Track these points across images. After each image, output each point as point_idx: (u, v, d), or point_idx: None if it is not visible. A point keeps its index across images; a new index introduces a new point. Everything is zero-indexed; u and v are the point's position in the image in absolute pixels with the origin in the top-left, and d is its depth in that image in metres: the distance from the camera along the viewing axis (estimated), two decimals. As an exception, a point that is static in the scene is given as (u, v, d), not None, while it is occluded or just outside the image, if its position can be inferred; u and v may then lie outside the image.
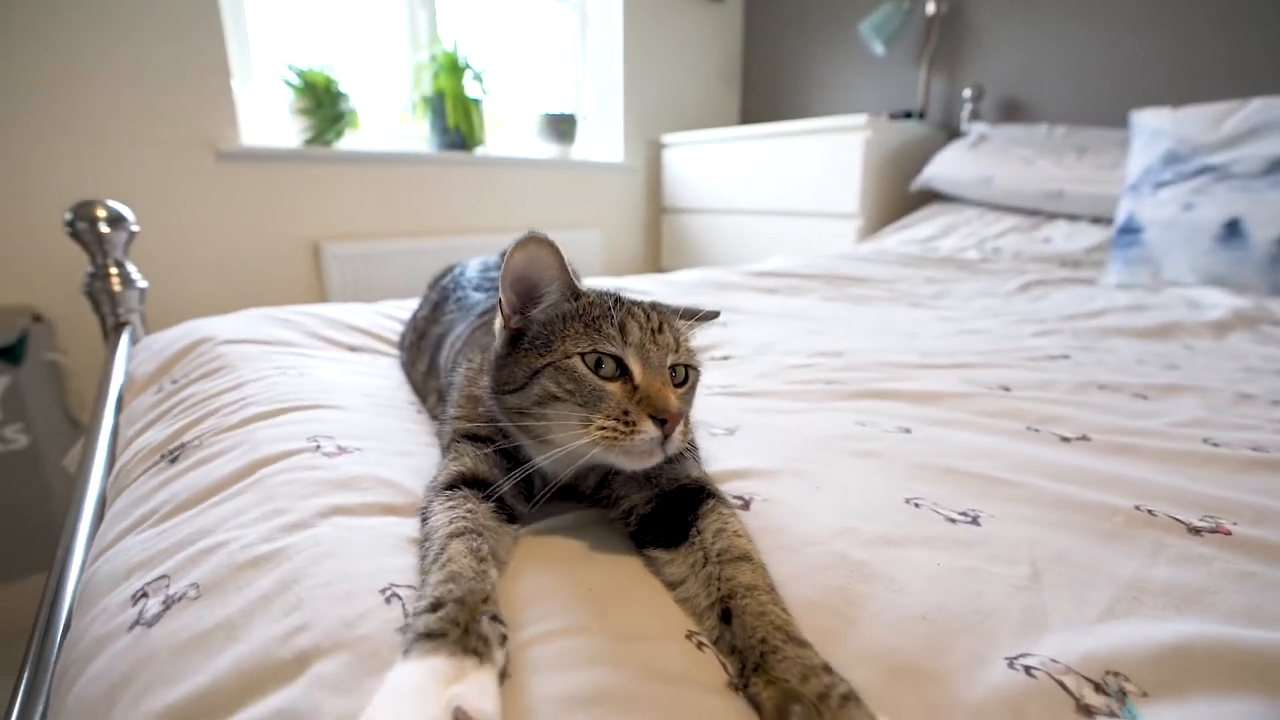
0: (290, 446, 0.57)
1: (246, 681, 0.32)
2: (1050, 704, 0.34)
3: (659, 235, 3.11)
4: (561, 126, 2.70)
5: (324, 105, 2.05)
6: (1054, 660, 0.36)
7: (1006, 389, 0.85)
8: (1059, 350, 1.08)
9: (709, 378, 0.94)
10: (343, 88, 2.09)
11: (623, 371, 0.47)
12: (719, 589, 0.39)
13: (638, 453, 0.44)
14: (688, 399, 0.51)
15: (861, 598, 0.41)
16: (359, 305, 1.19)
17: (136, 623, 0.38)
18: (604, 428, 0.43)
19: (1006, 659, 0.36)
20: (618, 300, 0.51)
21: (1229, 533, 0.50)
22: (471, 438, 0.52)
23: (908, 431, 0.70)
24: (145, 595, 0.41)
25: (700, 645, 0.38)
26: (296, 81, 2.01)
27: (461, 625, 0.32)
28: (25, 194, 1.59)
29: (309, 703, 0.30)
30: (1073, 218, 2.12)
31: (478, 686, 0.30)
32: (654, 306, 0.52)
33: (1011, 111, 2.51)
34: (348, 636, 0.34)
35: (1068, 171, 2.11)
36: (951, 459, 0.62)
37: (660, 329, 0.49)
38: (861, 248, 2.24)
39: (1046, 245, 2.05)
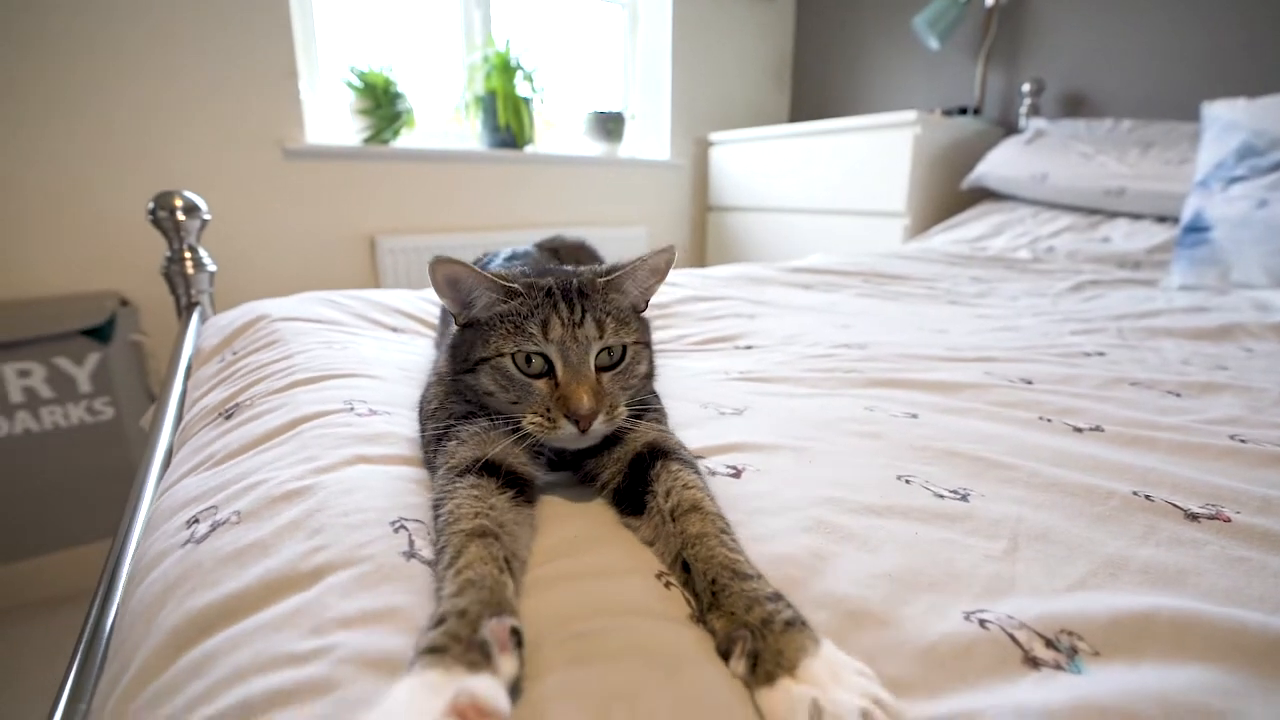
0: (328, 407, 0.63)
1: (271, 588, 0.38)
2: (998, 653, 0.35)
3: (704, 233, 3.12)
4: (609, 125, 2.76)
5: (383, 106, 2.17)
6: (1010, 616, 0.37)
7: (1029, 382, 0.84)
8: (1095, 348, 1.05)
9: (728, 364, 0.96)
10: (400, 88, 2.20)
11: (551, 365, 0.50)
12: (677, 544, 0.42)
13: (564, 440, 0.49)
14: (620, 379, 0.52)
15: (831, 554, 0.43)
16: (404, 291, 1.27)
17: (188, 541, 0.45)
18: (533, 421, 0.48)
19: (964, 613, 0.38)
20: (548, 293, 0.51)
21: (1229, 520, 0.49)
22: (467, 416, 0.53)
23: (915, 417, 0.70)
24: (197, 520, 0.47)
25: (668, 584, 0.41)
26: (357, 83, 2.14)
27: (463, 640, 0.30)
28: (117, 189, 1.76)
29: (319, 604, 0.35)
30: (1135, 216, 2.01)
31: (475, 683, 0.28)
32: (581, 291, 0.52)
33: (1075, 106, 2.40)
34: (357, 555, 0.39)
35: (1130, 168, 2.01)
36: (953, 442, 0.62)
37: (582, 321, 0.50)
38: (907, 246, 2.19)
39: (1105, 245, 1.96)
